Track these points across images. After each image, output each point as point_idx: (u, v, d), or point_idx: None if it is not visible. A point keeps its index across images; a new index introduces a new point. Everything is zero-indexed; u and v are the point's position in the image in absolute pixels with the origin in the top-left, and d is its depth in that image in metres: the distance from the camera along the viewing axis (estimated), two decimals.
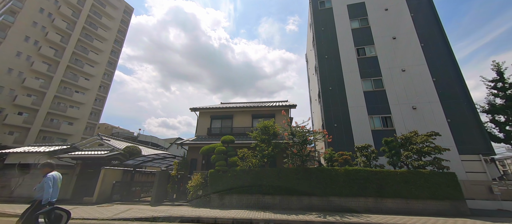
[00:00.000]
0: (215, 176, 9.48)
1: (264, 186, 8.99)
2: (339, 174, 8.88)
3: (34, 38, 30.63)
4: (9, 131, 27.49)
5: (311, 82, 23.81)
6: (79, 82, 35.17)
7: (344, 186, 8.68)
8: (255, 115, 14.90)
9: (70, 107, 33.89)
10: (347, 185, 8.69)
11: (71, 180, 11.40)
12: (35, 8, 31.07)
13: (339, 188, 8.69)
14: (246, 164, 9.61)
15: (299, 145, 9.78)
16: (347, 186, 8.67)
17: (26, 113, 29.18)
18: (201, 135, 14.82)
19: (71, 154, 11.31)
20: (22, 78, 29.00)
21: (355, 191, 8.59)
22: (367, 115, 14.09)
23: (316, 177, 8.94)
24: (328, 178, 8.88)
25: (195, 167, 13.12)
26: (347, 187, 8.66)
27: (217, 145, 10.51)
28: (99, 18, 39.42)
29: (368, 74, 15.19)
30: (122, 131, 54.04)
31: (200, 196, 9.43)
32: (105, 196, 10.39)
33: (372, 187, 8.59)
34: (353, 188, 8.63)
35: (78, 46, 35.74)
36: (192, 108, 15.12)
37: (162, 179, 10.36)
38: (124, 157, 12.43)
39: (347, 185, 8.68)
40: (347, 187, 8.66)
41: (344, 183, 8.73)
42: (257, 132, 10.48)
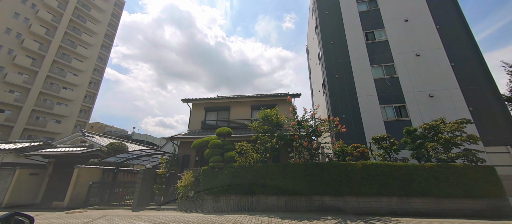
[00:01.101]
0: (209, 174, 8.00)
1: (268, 185, 7.54)
2: (356, 170, 7.47)
3: (16, 31, 28.57)
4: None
5: (313, 73, 22.39)
6: (67, 78, 33.17)
7: (363, 184, 7.28)
8: (254, 105, 13.41)
9: (57, 105, 31.93)
10: (366, 182, 7.29)
11: (42, 182, 9.80)
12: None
13: (357, 186, 7.29)
14: (245, 160, 8.15)
15: (308, 136, 8.35)
16: (366, 183, 7.27)
17: (8, 110, 27.22)
18: (194, 129, 13.30)
19: (42, 152, 9.70)
20: (3, 73, 26.98)
21: (375, 189, 7.20)
22: (379, 105, 12.72)
23: (329, 173, 7.52)
24: (343, 174, 7.47)
25: (187, 164, 11.62)
26: (366, 184, 7.26)
27: (211, 138, 9.02)
28: (88, 10, 37.34)
29: (378, 60, 13.80)
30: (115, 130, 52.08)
31: (191, 197, 7.94)
32: (80, 199, 8.84)
33: (396, 184, 7.21)
34: (373, 186, 7.24)
35: (65, 39, 33.69)
36: (184, 99, 13.57)
37: (147, 179, 8.84)
38: (106, 154, 10.85)
39: (366, 183, 7.28)
40: (366, 184, 7.26)
41: (362, 180, 7.33)
42: (258, 122, 9.02)
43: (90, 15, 37.60)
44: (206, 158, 8.63)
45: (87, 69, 36.48)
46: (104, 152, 11.03)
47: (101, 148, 10.92)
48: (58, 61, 32.42)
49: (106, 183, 10.02)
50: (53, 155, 9.81)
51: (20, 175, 8.95)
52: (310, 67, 25.53)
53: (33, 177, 9.54)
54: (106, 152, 11.15)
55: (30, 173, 9.36)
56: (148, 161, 12.62)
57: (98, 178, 9.87)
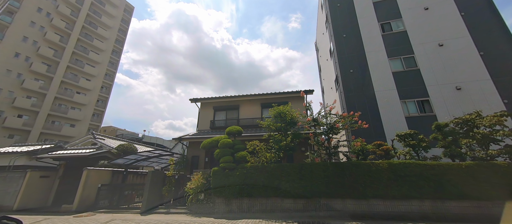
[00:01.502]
0: (220, 175, 7.52)
1: (283, 187, 6.96)
2: (381, 170, 6.73)
3: (32, 39, 29.74)
4: (9, 134, 26.56)
5: (324, 70, 21.55)
6: (80, 83, 34.16)
7: (390, 185, 6.53)
8: (264, 104, 12.87)
9: (71, 109, 32.91)
10: (393, 183, 6.53)
11: (52, 184, 9.72)
12: (33, 7, 30.20)
13: (383, 187, 6.55)
14: (258, 160, 7.62)
15: (325, 134, 7.70)
16: (394, 185, 6.51)
17: (26, 115, 28.26)
18: (203, 129, 12.94)
19: (52, 154, 9.64)
20: (21, 80, 28.10)
21: (405, 191, 6.43)
22: (399, 100, 11.81)
23: (350, 174, 6.83)
24: (366, 175, 6.75)
25: (196, 165, 11.23)
26: (393, 186, 6.50)
27: (221, 137, 8.56)
28: (99, 17, 38.42)
29: (396, 53, 12.88)
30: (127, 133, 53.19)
31: (201, 200, 7.49)
32: (89, 202, 8.63)
33: (428, 185, 6.40)
34: (402, 187, 6.47)
35: (78, 46, 34.76)
36: (192, 99, 13.26)
37: (156, 181, 8.50)
38: (115, 156, 10.68)
39: (393, 184, 6.52)
40: (394, 186, 6.50)
41: (389, 181, 6.58)
42: (270, 120, 8.46)
43: (101, 21, 38.67)
44: (216, 158, 8.18)
45: (99, 74, 37.44)
46: (113, 154, 10.87)
47: (110, 149, 10.76)
48: (71, 66, 33.45)
49: (116, 185, 9.80)
50: (63, 157, 9.73)
51: (31, 177, 8.90)
52: (320, 64, 24.68)
53: (44, 179, 9.48)
54: (116, 154, 10.99)
55: (40, 176, 9.31)
56: (157, 162, 12.38)
57: (108, 180, 9.67)
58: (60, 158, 9.76)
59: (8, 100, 26.81)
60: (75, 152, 9.79)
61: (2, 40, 27.08)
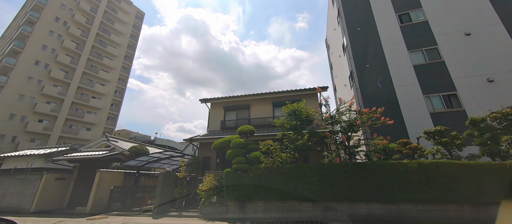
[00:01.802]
0: (233, 177, 7.16)
1: (301, 189, 6.48)
2: (410, 171, 6.08)
3: (51, 47, 31.21)
4: (30, 138, 27.86)
5: (337, 67, 20.76)
6: (95, 88, 35.38)
7: (421, 188, 5.87)
8: (276, 102, 12.43)
9: (87, 113, 34.10)
10: (425, 186, 5.86)
11: (68, 187, 9.82)
12: (51, 17, 31.72)
13: (413, 190, 5.90)
14: (272, 160, 7.19)
15: (344, 132, 7.14)
16: (426, 187, 5.85)
17: (46, 120, 29.58)
18: (213, 130, 12.70)
19: (66, 156, 9.76)
20: (41, 86, 29.48)
21: (439, 194, 5.74)
22: (422, 94, 10.94)
23: (375, 175, 6.23)
24: (393, 176, 6.13)
25: (208, 167, 10.98)
26: (425, 189, 5.84)
27: (233, 137, 8.23)
28: (112, 24, 39.76)
29: (417, 45, 12.01)
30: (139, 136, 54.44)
31: (214, 203, 7.16)
32: (102, 204, 8.58)
33: (466, 188, 5.68)
34: (435, 190, 5.79)
35: (93, 52, 36.10)
36: (202, 100, 13.08)
37: (167, 183, 8.30)
38: (127, 157, 10.66)
39: (425, 187, 5.86)
40: (426, 189, 5.84)
41: (420, 183, 5.92)
42: (284, 118, 8.02)
43: (114, 28, 39.99)
44: (228, 159, 7.84)
45: (113, 79, 38.64)
46: (126, 156, 10.87)
47: (123, 151, 10.77)
48: (87, 72, 34.74)
49: (128, 187, 9.74)
50: (77, 159, 9.83)
51: (47, 180, 9.01)
52: (332, 61, 23.88)
53: (60, 182, 9.59)
54: (128, 156, 10.98)
55: (56, 178, 9.42)
56: (168, 164, 12.27)
57: (120, 182, 9.63)
58: (74, 160, 9.86)
59: (30, 106, 28.19)
60: (88, 154, 9.86)
61: (24, 49, 28.59)
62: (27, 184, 8.97)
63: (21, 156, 10.40)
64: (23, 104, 27.63)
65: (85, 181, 9.85)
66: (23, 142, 26.57)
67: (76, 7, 34.91)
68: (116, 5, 41.60)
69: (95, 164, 9.88)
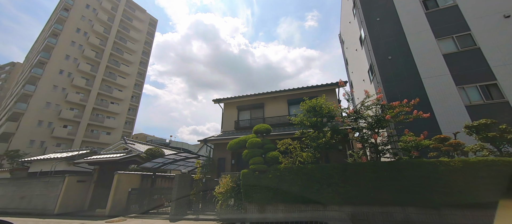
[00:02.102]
0: (250, 178, 6.79)
1: (325, 191, 5.94)
2: (453, 170, 5.31)
3: (73, 56, 33.12)
4: (57, 143, 29.62)
5: (353, 62, 19.76)
6: (114, 93, 36.98)
7: (468, 190, 5.09)
8: (291, 100, 11.92)
9: (107, 118, 35.69)
10: (472, 188, 5.07)
11: (88, 189, 10.03)
12: (72, 28, 33.70)
13: (458, 193, 5.13)
14: (291, 160, 6.73)
15: (371, 128, 6.51)
16: (474, 189, 5.06)
17: (70, 126, 31.33)
18: (227, 130, 12.46)
19: (87, 159, 9.99)
20: (65, 94, 31.32)
21: (490, 197, 4.92)
22: (455, 86, 9.88)
23: (410, 175, 5.54)
24: (432, 176, 5.40)
25: (223, 168, 10.72)
26: (473, 191, 5.05)
27: (249, 137, 7.87)
28: (127, 32, 41.46)
29: (446, 31, 10.93)
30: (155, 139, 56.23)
31: (231, 206, 6.83)
32: (121, 206, 8.61)
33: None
34: (485, 192, 4.98)
35: (111, 60, 37.81)
36: (215, 100, 12.92)
37: (183, 185, 8.13)
38: (144, 159, 10.72)
39: (472, 188, 5.07)
40: (474, 191, 5.04)
41: (465, 184, 5.14)
42: (302, 114, 7.52)
43: (129, 36, 41.68)
44: (245, 159, 7.48)
45: (129, 85, 40.19)
46: (142, 158, 10.95)
47: (139, 153, 10.85)
48: (106, 79, 36.43)
49: (145, 189, 9.74)
50: (96, 162, 10.03)
51: (69, 182, 9.26)
52: (347, 57, 22.82)
53: (81, 184, 9.83)
54: (144, 158, 11.05)
55: (77, 180, 9.66)
56: (183, 165, 12.21)
57: (137, 184, 9.66)
58: (94, 162, 10.08)
59: (55, 112, 30.03)
60: (107, 156, 10.02)
61: (49, 60, 30.59)
62: (51, 186, 9.26)
63: (45, 159, 10.85)
64: (49, 111, 29.47)
65: (104, 183, 10.01)
66: (50, 146, 28.28)
67: (94, 18, 36.81)
68: (131, 14, 43.38)
69: (113, 167, 10.02)
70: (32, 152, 25.15)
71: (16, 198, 9.62)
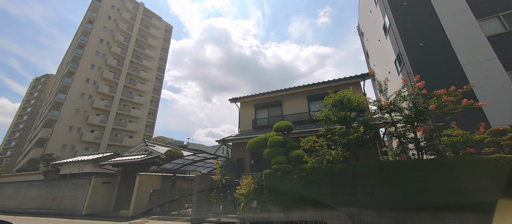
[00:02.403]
0: (273, 179, 6.33)
1: (359, 193, 5.29)
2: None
3: (97, 65, 35.30)
4: (85, 147, 31.64)
5: (375, 54, 18.45)
6: (134, 99, 38.77)
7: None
8: (311, 96, 11.27)
9: (129, 122, 37.48)
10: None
11: (113, 190, 10.29)
12: (96, 39, 35.96)
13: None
14: (318, 159, 6.16)
15: (410, 121, 5.73)
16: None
17: (96, 130, 33.33)
18: (245, 130, 12.14)
19: (110, 161, 10.27)
20: (91, 101, 33.44)
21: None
22: (505, 71, 8.56)
23: (464, 175, 4.70)
24: (494, 176, 4.51)
25: (242, 168, 10.38)
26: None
27: (269, 135, 7.43)
28: (145, 39, 43.34)
29: (489, 10, 9.58)
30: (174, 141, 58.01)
31: (254, 208, 6.43)
32: (143, 208, 8.66)
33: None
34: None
35: (131, 67, 39.74)
36: (231, 99, 12.68)
37: (203, 186, 7.92)
38: (164, 161, 10.78)
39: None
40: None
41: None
42: (327, 109, 6.91)
43: (147, 43, 43.55)
44: (266, 159, 7.05)
45: (148, 90, 41.92)
46: (162, 159, 11.03)
47: (159, 155, 10.94)
48: (127, 86, 38.32)
49: (166, 191, 9.73)
50: (119, 164, 10.27)
51: (95, 183, 9.56)
52: (367, 49, 21.44)
53: (106, 185, 10.11)
54: (164, 159, 11.12)
55: (103, 182, 9.94)
56: (202, 166, 12.12)
57: (158, 185, 9.69)
58: (117, 164, 10.33)
59: (83, 118, 32.14)
60: (129, 158, 10.22)
61: (77, 69, 32.88)
62: (79, 188, 9.62)
63: (73, 162, 11.38)
64: (78, 118, 31.62)
65: (127, 184, 10.18)
66: (80, 150, 30.26)
67: (115, 28, 38.98)
68: (148, 22, 45.35)
69: (135, 168, 10.17)
70: (64, 155, 27.03)
71: (49, 199, 10.16)
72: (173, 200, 9.77)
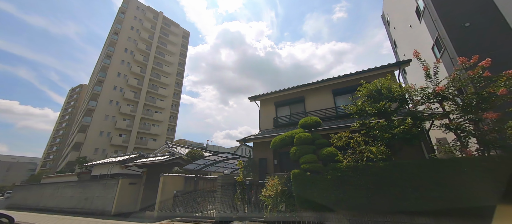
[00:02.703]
0: (303, 180, 5.73)
1: (410, 197, 4.47)
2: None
3: (123, 73, 37.61)
4: (114, 150, 33.74)
5: (404, 43, 16.80)
6: (157, 103, 40.58)
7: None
8: (338, 90, 10.41)
9: (152, 126, 39.25)
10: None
11: (139, 190, 10.49)
12: (122, 49, 38.36)
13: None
14: (354, 157, 5.44)
15: (467, 109, 4.76)
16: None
17: (124, 134, 35.42)
18: (265, 129, 11.64)
19: (136, 162, 10.50)
20: (118, 107, 35.65)
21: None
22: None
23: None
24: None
25: (265, 169, 9.89)
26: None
27: (295, 132, 6.84)
28: (165, 46, 45.28)
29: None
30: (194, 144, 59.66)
31: (282, 212, 5.89)
32: (167, 209, 8.61)
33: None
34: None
35: (153, 73, 41.71)
36: (251, 97, 12.30)
37: (226, 187, 7.59)
38: (185, 161, 10.75)
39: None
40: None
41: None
42: (361, 101, 6.14)
43: (167, 49, 45.46)
44: (293, 158, 6.47)
45: (169, 94, 43.62)
46: (184, 160, 11.01)
47: (181, 156, 10.94)
48: (150, 91, 40.26)
49: (189, 192, 9.61)
50: (144, 165, 10.46)
51: (122, 184, 9.81)
52: (395, 38, 19.68)
53: (132, 186, 10.34)
54: (186, 160, 11.10)
55: (129, 183, 10.18)
56: (223, 167, 11.90)
57: (181, 186, 9.63)
58: (142, 165, 10.53)
59: (112, 123, 34.35)
60: (153, 159, 10.35)
61: (105, 78, 35.32)
62: (108, 188, 9.95)
63: (102, 163, 11.91)
64: (107, 123, 33.87)
65: (152, 185, 10.29)
66: (110, 153, 32.32)
67: (138, 38, 41.28)
68: (167, 30, 47.38)
69: (159, 169, 10.25)
70: (96, 158, 29.01)
71: (82, 199, 10.70)
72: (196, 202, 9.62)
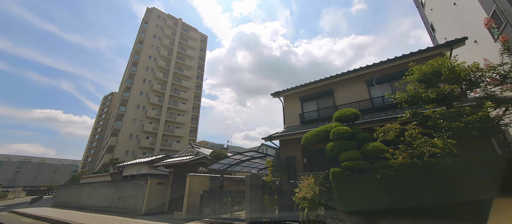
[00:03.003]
0: (345, 180, 4.99)
1: (483, 201, 3.51)
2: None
3: (148, 79, 39.73)
4: (143, 152, 35.66)
5: (445, 26, 14.75)
6: (179, 106, 42.13)
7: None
8: (371, 80, 9.33)
9: (176, 128, 40.80)
10: None
11: (166, 190, 10.57)
12: (146, 57, 40.57)
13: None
14: (410, 153, 4.55)
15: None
16: None
17: (150, 137, 37.32)
18: (291, 126, 10.98)
19: (163, 162, 10.61)
20: (145, 111, 37.69)
21: None
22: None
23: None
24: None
25: (293, 168, 9.23)
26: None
27: (331, 125, 6.11)
28: (185, 51, 46.90)
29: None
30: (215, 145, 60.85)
31: (321, 215, 5.21)
32: (195, 209, 8.44)
33: None
34: None
35: (174, 77, 43.43)
36: (274, 93, 11.73)
37: (255, 187, 7.11)
38: (210, 161, 10.58)
39: None
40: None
41: None
42: (412, 86, 5.20)
43: (187, 54, 47.02)
44: (330, 155, 5.75)
45: (190, 97, 45.00)
46: (208, 160, 10.87)
47: (206, 155, 10.80)
48: (172, 95, 41.94)
49: (215, 192, 9.37)
50: (170, 165, 10.53)
51: (151, 184, 9.97)
52: (432, 21, 17.53)
53: (160, 186, 10.46)
54: (210, 160, 10.94)
55: (157, 182, 10.32)
56: (248, 167, 11.50)
57: (207, 186, 9.43)
58: (169, 165, 10.62)
59: (140, 127, 36.40)
60: (179, 159, 10.36)
61: (133, 85, 37.61)
62: (138, 188, 10.18)
63: (132, 164, 12.34)
64: (136, 126, 35.97)
65: (178, 185, 10.27)
66: (139, 155, 34.22)
67: (160, 45, 43.36)
68: (186, 35, 49.07)
69: (185, 169, 10.20)
70: (127, 159, 30.86)
71: (115, 198, 11.15)
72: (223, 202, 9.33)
